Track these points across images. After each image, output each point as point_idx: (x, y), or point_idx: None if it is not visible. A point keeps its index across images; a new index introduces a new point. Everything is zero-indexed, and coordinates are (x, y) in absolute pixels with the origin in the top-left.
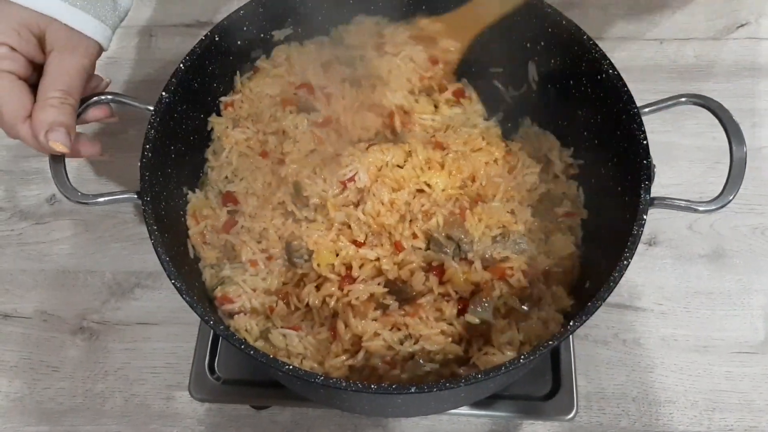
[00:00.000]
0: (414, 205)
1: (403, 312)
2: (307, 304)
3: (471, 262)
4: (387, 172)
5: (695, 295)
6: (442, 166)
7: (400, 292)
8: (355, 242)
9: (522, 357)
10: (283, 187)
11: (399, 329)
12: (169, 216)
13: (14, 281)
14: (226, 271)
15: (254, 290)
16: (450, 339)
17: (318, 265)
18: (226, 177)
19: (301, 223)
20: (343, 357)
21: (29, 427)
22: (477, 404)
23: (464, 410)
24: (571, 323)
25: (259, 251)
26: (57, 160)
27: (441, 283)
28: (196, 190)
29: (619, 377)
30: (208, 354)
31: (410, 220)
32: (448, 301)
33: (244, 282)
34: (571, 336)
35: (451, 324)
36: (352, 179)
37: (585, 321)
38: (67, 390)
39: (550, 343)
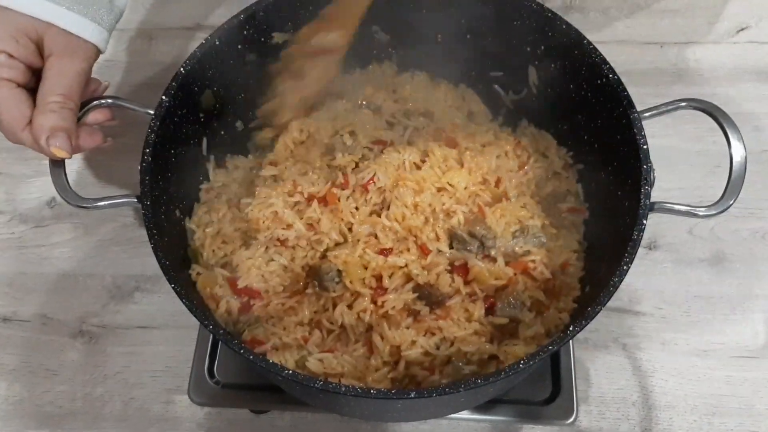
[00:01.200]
0: (435, 204)
1: (434, 316)
2: (342, 324)
3: (494, 259)
4: (407, 175)
5: (695, 300)
6: (462, 164)
7: (429, 296)
8: (381, 251)
9: (522, 362)
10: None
11: (433, 333)
12: (169, 220)
13: (14, 284)
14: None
15: (285, 329)
16: (484, 339)
17: (350, 282)
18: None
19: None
20: (385, 370)
21: (29, 430)
22: (477, 408)
23: (464, 414)
24: (571, 328)
25: (288, 297)
26: (57, 163)
27: (466, 283)
28: (194, 265)
29: (619, 381)
30: (207, 358)
31: (432, 221)
32: (474, 302)
33: (273, 325)
34: (570, 340)
35: (482, 324)
36: (371, 181)
37: (585, 326)
38: (66, 394)
39: (550, 347)
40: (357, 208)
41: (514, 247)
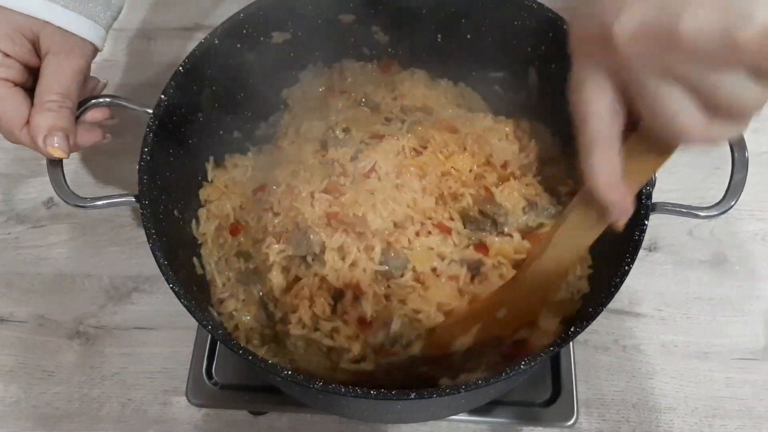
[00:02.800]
0: (442, 188)
1: (476, 283)
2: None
3: (509, 235)
4: (409, 161)
5: (695, 301)
6: (465, 148)
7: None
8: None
9: (522, 363)
10: None
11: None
12: (168, 220)
13: (10, 285)
14: None
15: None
16: None
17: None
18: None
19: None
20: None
21: None
22: (476, 410)
23: (463, 416)
24: (572, 329)
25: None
26: (55, 163)
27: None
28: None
29: (619, 383)
30: (205, 359)
31: (442, 204)
32: (501, 264)
33: None
34: (571, 342)
35: None
36: (373, 170)
37: (586, 327)
38: (63, 395)
39: (551, 349)
40: (373, 192)
41: (527, 221)
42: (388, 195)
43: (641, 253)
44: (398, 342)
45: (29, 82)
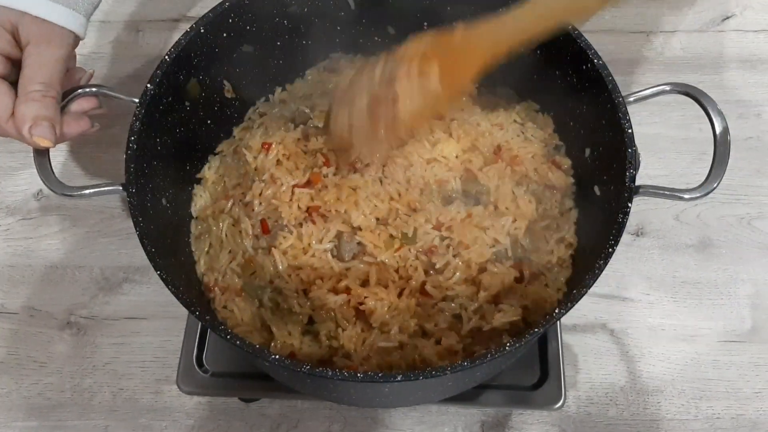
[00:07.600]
0: (428, 177)
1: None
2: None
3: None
4: (395, 151)
5: (682, 285)
6: (450, 134)
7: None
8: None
9: (508, 344)
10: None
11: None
12: (156, 208)
13: (1, 277)
14: None
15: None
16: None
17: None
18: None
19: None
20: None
21: (17, 422)
22: (465, 393)
23: (453, 400)
24: (556, 310)
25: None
26: (41, 153)
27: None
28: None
29: (607, 367)
30: (196, 347)
31: (427, 193)
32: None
33: None
34: (558, 325)
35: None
36: (357, 159)
37: (570, 308)
38: (54, 385)
39: (536, 330)
40: (355, 189)
41: (510, 194)
42: (371, 192)
43: (629, 238)
44: None
45: (12, 75)
